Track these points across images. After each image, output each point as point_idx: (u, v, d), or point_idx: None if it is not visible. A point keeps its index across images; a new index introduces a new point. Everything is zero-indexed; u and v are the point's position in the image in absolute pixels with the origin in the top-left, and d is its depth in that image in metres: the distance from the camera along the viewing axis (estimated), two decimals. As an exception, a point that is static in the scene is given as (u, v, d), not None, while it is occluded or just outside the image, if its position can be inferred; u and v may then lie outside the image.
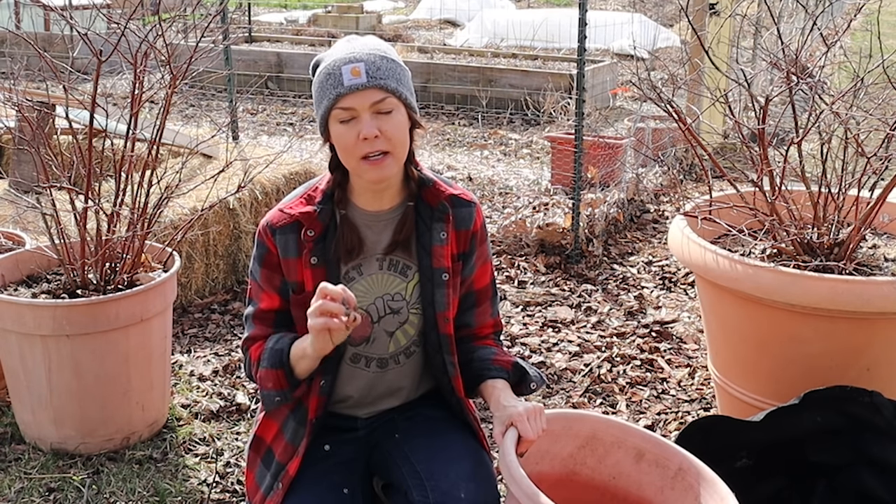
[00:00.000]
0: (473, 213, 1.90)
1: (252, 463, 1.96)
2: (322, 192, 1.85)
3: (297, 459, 1.85)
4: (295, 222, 1.83)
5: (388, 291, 1.86)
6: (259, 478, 1.93)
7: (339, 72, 1.72)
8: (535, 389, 1.89)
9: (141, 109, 2.75)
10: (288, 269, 1.84)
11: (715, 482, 1.72)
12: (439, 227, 1.86)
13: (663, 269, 4.38)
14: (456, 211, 1.88)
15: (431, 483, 1.78)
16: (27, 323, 2.62)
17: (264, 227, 1.85)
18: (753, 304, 2.50)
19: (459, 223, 1.88)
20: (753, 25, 5.40)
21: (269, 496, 1.87)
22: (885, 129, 2.53)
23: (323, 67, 1.76)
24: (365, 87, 1.71)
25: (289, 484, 1.85)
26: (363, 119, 1.72)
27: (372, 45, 1.78)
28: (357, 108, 1.72)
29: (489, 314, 1.98)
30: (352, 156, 1.75)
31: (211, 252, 3.96)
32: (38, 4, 3.23)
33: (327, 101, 1.74)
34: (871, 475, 2.12)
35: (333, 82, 1.73)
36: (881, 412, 2.11)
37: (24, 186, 3.65)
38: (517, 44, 10.89)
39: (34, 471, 2.70)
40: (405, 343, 1.90)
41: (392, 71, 1.75)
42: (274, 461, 1.90)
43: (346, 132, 1.74)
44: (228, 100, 5.09)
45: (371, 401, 1.96)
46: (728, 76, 3.04)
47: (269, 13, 14.71)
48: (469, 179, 5.81)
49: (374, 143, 1.73)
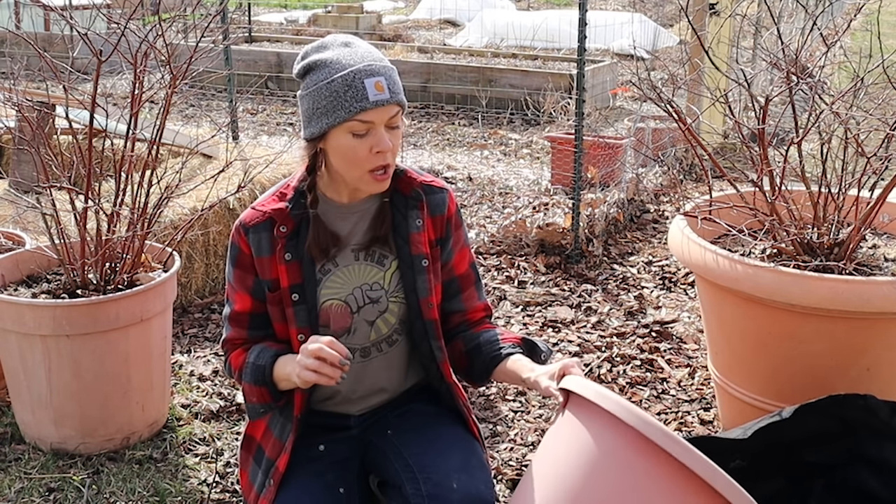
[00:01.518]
0: (447, 199, 1.94)
1: (245, 462, 1.98)
2: (294, 189, 1.87)
3: (286, 456, 1.86)
4: (268, 220, 1.84)
5: (365, 281, 1.88)
6: (252, 476, 1.95)
7: (363, 84, 1.71)
8: (545, 360, 1.90)
9: (141, 109, 2.75)
10: (262, 268, 1.85)
11: None
12: (414, 215, 1.89)
13: (663, 269, 4.38)
14: (429, 198, 1.91)
15: (424, 476, 1.79)
16: (27, 323, 2.62)
17: (237, 228, 1.86)
18: (753, 304, 2.50)
19: (434, 209, 1.91)
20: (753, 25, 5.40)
21: (262, 494, 1.88)
22: (885, 129, 2.53)
23: (339, 76, 1.72)
24: (388, 103, 1.72)
25: (279, 480, 1.85)
26: (379, 133, 1.74)
27: (377, 55, 1.79)
28: (375, 122, 1.73)
29: (476, 298, 2.00)
30: (359, 167, 1.76)
31: (211, 252, 3.96)
32: (38, 4, 3.23)
33: (345, 111, 1.71)
34: (869, 474, 2.12)
35: (355, 94, 1.71)
36: (877, 414, 2.11)
37: (24, 186, 3.65)
38: (517, 44, 10.89)
39: (34, 471, 2.70)
40: (386, 332, 1.91)
41: (400, 84, 1.78)
42: (264, 458, 1.92)
43: (360, 145, 1.74)
44: (228, 100, 5.09)
45: (360, 395, 1.96)
46: (728, 76, 3.04)
47: (269, 13, 14.70)
48: (469, 179, 5.80)
49: (386, 157, 1.75)
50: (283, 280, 1.83)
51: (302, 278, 1.84)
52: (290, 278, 1.83)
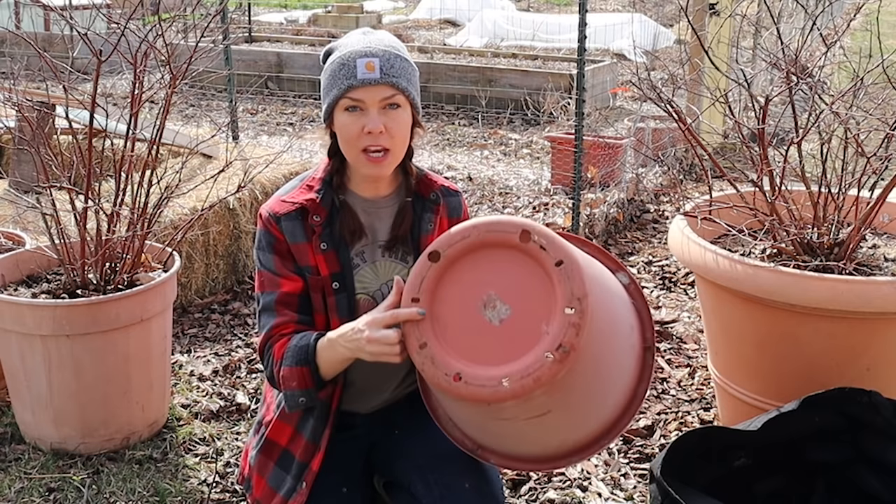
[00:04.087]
0: (462, 203, 2.00)
1: (264, 468, 1.94)
2: (320, 181, 1.88)
3: (320, 455, 1.86)
4: (299, 210, 1.84)
5: (391, 277, 1.88)
6: (274, 481, 1.91)
7: (354, 63, 1.75)
8: None
9: (141, 109, 2.75)
10: (299, 254, 1.84)
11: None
12: (428, 218, 1.91)
13: (663, 269, 4.38)
14: (447, 200, 1.95)
15: (434, 476, 1.79)
16: (27, 323, 2.62)
17: (268, 218, 1.85)
18: (753, 304, 2.50)
19: (451, 212, 1.96)
20: (753, 25, 5.40)
21: (291, 497, 1.86)
22: (885, 129, 2.52)
23: (337, 56, 1.79)
24: (377, 83, 1.75)
25: (313, 481, 1.85)
26: (370, 113, 1.76)
27: (388, 42, 1.81)
28: (366, 101, 1.76)
29: None
30: (353, 146, 1.79)
31: (211, 252, 3.96)
32: (38, 4, 3.23)
33: (337, 90, 1.76)
34: (871, 474, 2.12)
35: (346, 73, 1.75)
36: (880, 412, 2.11)
37: (24, 186, 3.65)
38: (517, 44, 10.89)
39: (34, 471, 2.70)
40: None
41: (404, 70, 1.79)
42: (294, 462, 1.89)
43: (352, 123, 1.77)
44: (228, 100, 5.10)
45: (371, 388, 1.96)
46: (728, 76, 3.04)
47: (269, 13, 14.70)
48: (469, 179, 5.80)
49: (378, 139, 1.77)
50: (322, 269, 1.83)
51: (340, 266, 1.84)
52: (329, 267, 1.83)
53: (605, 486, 2.65)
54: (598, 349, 1.62)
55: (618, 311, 1.74)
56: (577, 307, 1.55)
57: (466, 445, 1.79)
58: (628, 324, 1.76)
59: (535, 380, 1.53)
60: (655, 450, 2.84)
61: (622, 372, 1.74)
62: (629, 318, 1.78)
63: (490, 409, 1.61)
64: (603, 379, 1.71)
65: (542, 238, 1.62)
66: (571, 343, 1.53)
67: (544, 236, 1.62)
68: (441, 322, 1.65)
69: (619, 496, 2.62)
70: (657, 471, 1.87)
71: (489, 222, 1.66)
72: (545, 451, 1.78)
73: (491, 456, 1.79)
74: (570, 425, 1.73)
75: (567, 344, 1.53)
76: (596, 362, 1.64)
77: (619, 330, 1.72)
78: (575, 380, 1.60)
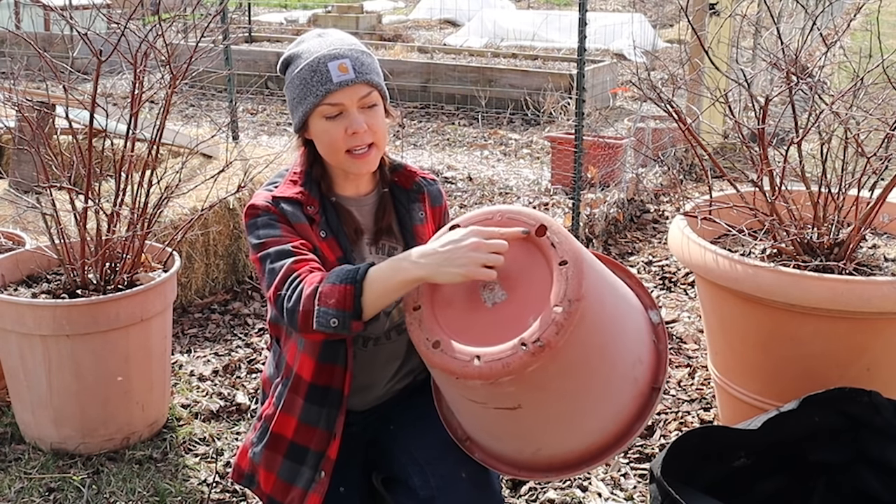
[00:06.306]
0: (440, 191, 2.01)
1: (271, 462, 1.92)
2: (302, 174, 1.88)
3: (336, 442, 1.86)
4: (293, 199, 1.85)
5: None
6: (288, 475, 1.89)
7: (326, 68, 1.76)
8: None
9: (141, 109, 2.75)
10: (304, 232, 1.83)
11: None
12: (417, 208, 1.93)
13: (663, 269, 4.38)
14: (428, 189, 1.97)
15: (431, 468, 1.79)
16: (27, 323, 2.62)
17: (265, 202, 1.83)
18: (753, 304, 2.50)
19: (433, 200, 1.98)
20: (753, 25, 5.39)
21: (311, 488, 1.86)
22: (885, 129, 2.52)
23: (304, 64, 1.78)
24: (353, 83, 1.76)
25: (332, 469, 1.85)
26: (351, 114, 1.77)
27: (349, 41, 1.82)
28: (346, 103, 1.77)
29: None
30: (338, 150, 1.80)
31: (211, 252, 3.96)
32: (38, 4, 3.23)
33: (313, 97, 1.76)
34: (871, 475, 2.12)
35: (320, 78, 1.75)
36: (880, 412, 2.11)
37: (24, 186, 3.65)
38: (517, 44, 10.88)
39: (34, 471, 2.70)
40: (399, 320, 1.93)
41: (372, 66, 1.81)
42: (309, 453, 1.87)
43: (333, 127, 1.78)
44: (228, 100, 5.10)
45: (367, 383, 1.96)
46: (728, 76, 3.04)
47: (269, 13, 14.70)
48: (469, 179, 5.80)
49: (363, 137, 1.78)
50: (327, 253, 1.84)
51: (343, 251, 1.85)
52: (334, 252, 1.84)
53: (605, 486, 2.65)
54: (583, 360, 1.63)
55: (625, 338, 1.74)
56: (565, 307, 1.56)
57: (457, 434, 1.83)
58: (635, 355, 1.76)
59: (504, 365, 1.55)
60: (655, 450, 2.84)
61: (612, 398, 1.74)
62: (638, 351, 1.77)
63: (461, 387, 1.63)
64: (583, 395, 1.71)
65: (556, 236, 1.64)
66: (549, 340, 1.54)
67: (559, 234, 1.65)
68: (441, 291, 1.68)
69: (619, 496, 2.62)
70: (657, 471, 1.87)
71: (513, 210, 1.70)
72: (521, 456, 1.79)
73: (476, 450, 1.82)
74: (546, 433, 1.75)
75: (544, 339, 1.54)
76: (577, 373, 1.65)
77: (619, 356, 1.73)
78: (550, 381, 1.60)
